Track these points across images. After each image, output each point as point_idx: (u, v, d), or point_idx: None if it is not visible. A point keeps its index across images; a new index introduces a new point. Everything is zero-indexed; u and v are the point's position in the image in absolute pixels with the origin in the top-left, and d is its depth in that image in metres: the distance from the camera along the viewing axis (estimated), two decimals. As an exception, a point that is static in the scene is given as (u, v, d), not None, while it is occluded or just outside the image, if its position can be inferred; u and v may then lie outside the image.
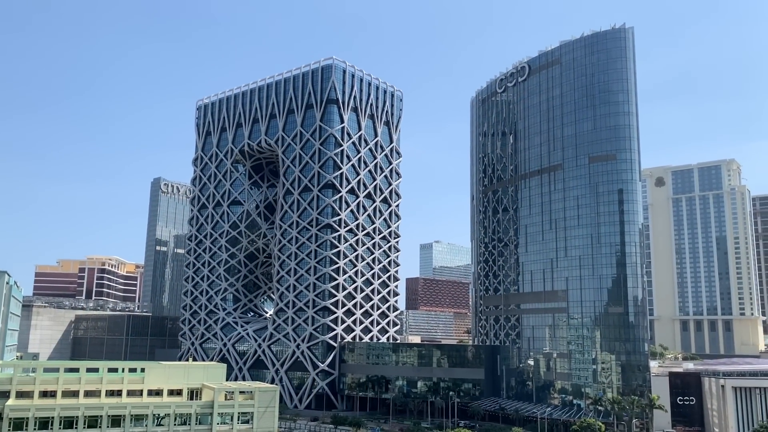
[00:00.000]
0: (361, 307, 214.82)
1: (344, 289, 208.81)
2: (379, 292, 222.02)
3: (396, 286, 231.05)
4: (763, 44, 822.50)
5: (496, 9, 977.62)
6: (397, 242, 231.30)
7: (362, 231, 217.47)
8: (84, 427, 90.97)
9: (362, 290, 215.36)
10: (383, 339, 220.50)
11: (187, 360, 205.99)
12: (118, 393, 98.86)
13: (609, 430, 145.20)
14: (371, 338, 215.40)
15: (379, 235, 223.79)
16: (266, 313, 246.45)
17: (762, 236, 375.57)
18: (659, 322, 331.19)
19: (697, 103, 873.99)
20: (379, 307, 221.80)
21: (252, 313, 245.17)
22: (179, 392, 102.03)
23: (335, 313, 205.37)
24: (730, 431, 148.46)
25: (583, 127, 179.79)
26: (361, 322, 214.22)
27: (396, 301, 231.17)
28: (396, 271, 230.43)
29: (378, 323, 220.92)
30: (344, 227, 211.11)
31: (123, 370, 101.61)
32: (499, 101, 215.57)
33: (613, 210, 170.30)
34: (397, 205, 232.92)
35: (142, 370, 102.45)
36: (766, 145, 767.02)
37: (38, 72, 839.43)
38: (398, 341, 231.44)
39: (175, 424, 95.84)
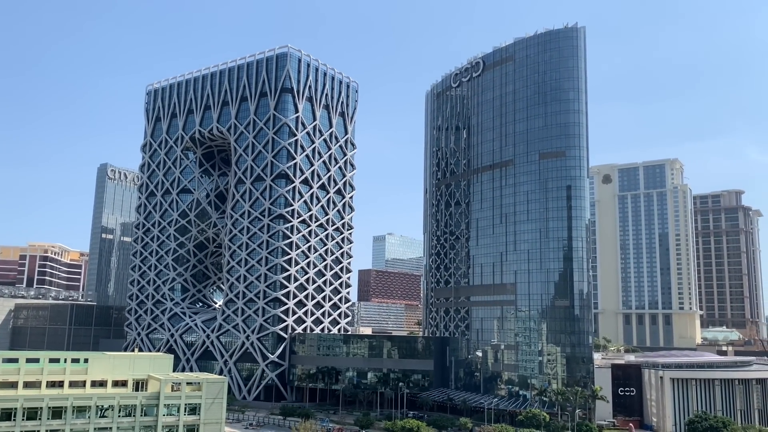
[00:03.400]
0: (313, 298, 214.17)
1: (296, 280, 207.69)
2: (331, 284, 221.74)
3: (348, 278, 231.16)
4: (706, 48, 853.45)
5: (452, 3, 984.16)
6: (350, 234, 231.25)
7: (315, 222, 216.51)
8: (23, 419, 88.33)
9: (314, 281, 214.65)
10: (334, 330, 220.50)
11: (133, 351, 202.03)
12: (60, 384, 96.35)
13: (553, 421, 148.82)
14: (322, 330, 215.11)
15: (332, 226, 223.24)
16: (215, 303, 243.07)
17: (701, 234, 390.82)
18: (603, 316, 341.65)
19: (644, 104, 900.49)
20: (330, 299, 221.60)
21: (201, 304, 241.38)
22: (124, 383, 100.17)
23: (286, 304, 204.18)
24: (668, 421, 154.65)
25: (535, 124, 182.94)
26: (313, 314, 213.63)
27: (348, 293, 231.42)
28: (348, 263, 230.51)
29: (329, 315, 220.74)
30: (297, 218, 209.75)
31: (65, 360, 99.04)
32: (454, 96, 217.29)
33: (561, 206, 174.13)
34: (351, 197, 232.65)
35: (86, 360, 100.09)
36: (707, 145, 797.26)
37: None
38: (349, 333, 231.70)
39: (119, 416, 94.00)
